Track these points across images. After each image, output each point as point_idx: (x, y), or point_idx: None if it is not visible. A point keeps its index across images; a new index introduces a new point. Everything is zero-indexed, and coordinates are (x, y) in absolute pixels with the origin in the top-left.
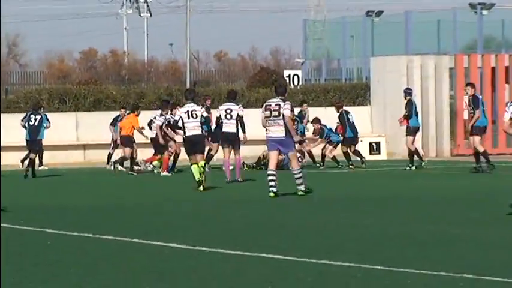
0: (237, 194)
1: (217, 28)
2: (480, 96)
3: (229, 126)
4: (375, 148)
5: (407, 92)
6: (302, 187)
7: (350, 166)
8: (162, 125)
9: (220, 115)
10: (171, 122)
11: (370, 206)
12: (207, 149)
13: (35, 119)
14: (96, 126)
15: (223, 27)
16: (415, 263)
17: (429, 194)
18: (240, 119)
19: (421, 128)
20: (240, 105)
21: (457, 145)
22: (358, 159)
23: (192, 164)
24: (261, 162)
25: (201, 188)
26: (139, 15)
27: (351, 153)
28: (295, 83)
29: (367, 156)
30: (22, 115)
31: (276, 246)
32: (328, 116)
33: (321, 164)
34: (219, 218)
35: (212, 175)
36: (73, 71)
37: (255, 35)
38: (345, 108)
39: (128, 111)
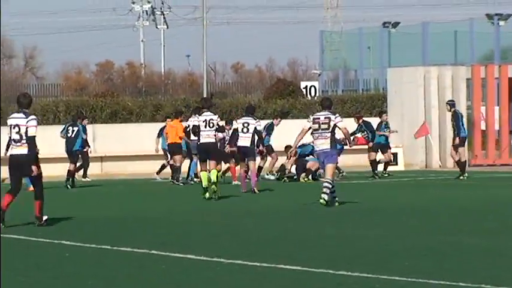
0: (254, 204)
1: (234, 40)
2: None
3: (244, 140)
4: (392, 159)
5: (451, 104)
6: (326, 196)
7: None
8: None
9: (237, 128)
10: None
11: (387, 216)
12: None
13: (72, 131)
14: (113, 138)
15: (240, 38)
16: (433, 273)
17: (446, 205)
18: (257, 133)
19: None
20: (258, 120)
21: (474, 155)
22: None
23: (202, 171)
24: (284, 173)
25: (207, 195)
26: (156, 27)
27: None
28: (312, 94)
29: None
30: (38, 127)
31: (294, 257)
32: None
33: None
34: (236, 229)
35: (229, 186)
36: (90, 83)
37: (272, 47)
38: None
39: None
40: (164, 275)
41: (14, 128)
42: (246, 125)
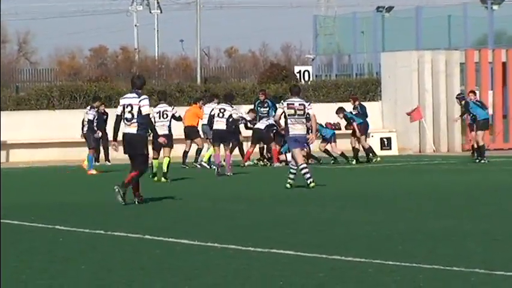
0: (246, 190)
1: (228, 24)
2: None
3: (219, 124)
4: (386, 143)
5: (460, 98)
6: (311, 179)
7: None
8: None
9: (214, 113)
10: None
11: (380, 201)
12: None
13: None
14: (108, 123)
15: (234, 23)
16: (427, 258)
17: (440, 190)
18: (233, 121)
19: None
20: (235, 108)
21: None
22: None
23: (154, 158)
24: (265, 157)
25: (155, 178)
26: (150, 12)
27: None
28: (306, 78)
29: (378, 152)
30: (32, 112)
31: (287, 242)
32: None
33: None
34: (229, 214)
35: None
36: (84, 68)
37: (265, 31)
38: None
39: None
40: (158, 259)
41: (127, 107)
42: (222, 110)
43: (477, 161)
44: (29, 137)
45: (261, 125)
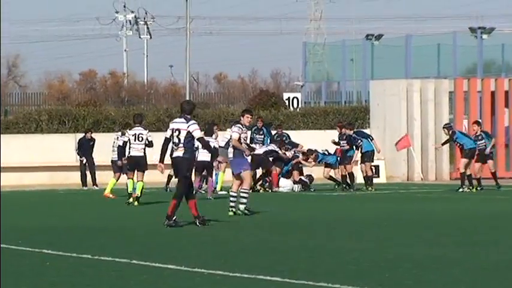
0: (234, 215)
1: (217, 50)
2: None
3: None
4: (374, 171)
5: (447, 127)
6: (242, 206)
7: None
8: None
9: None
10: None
11: (368, 228)
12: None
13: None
14: (95, 147)
15: (223, 49)
16: (414, 286)
17: (428, 218)
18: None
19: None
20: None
21: (456, 169)
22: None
23: (129, 179)
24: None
25: (130, 200)
26: (139, 37)
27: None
28: (295, 105)
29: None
30: (21, 136)
31: (274, 269)
32: (329, 139)
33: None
34: (216, 240)
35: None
36: (73, 92)
37: (255, 58)
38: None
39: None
40: (145, 285)
41: (175, 131)
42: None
43: (461, 189)
44: (17, 161)
45: (260, 150)
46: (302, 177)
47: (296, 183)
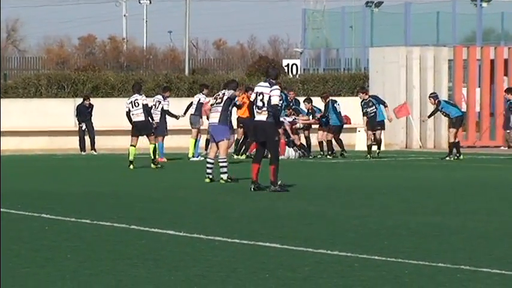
0: (233, 182)
1: (217, 16)
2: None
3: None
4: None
5: (433, 97)
6: (225, 176)
7: (329, 155)
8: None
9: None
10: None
11: (366, 196)
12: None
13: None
14: (94, 112)
15: (223, 15)
16: (413, 253)
17: (427, 185)
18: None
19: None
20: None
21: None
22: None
23: (131, 146)
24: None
25: (131, 166)
26: (139, 2)
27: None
28: (294, 72)
29: (365, 147)
30: (20, 100)
31: (273, 235)
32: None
33: (328, 153)
34: (215, 206)
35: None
36: (72, 57)
37: (254, 24)
38: (332, 98)
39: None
40: (144, 250)
41: (259, 95)
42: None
43: (447, 158)
44: (16, 125)
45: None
46: (302, 143)
47: (294, 148)
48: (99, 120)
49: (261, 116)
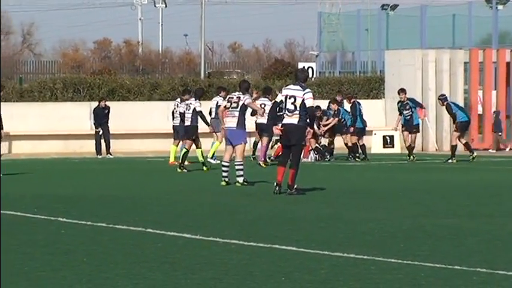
0: (249, 185)
1: (232, 19)
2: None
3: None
4: (388, 141)
5: (442, 99)
6: (241, 179)
7: (356, 158)
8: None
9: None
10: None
11: (383, 199)
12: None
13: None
14: (110, 116)
15: (238, 18)
16: (429, 256)
17: (442, 188)
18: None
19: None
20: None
21: (470, 139)
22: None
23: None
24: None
25: (204, 168)
26: (155, 5)
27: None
28: (310, 75)
29: (381, 150)
30: (35, 104)
31: (289, 238)
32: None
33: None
34: (232, 209)
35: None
36: (87, 60)
37: (269, 27)
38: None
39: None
40: (160, 253)
41: (289, 98)
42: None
43: (450, 160)
44: (32, 129)
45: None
46: (318, 145)
47: (312, 152)
48: (115, 124)
49: (292, 119)
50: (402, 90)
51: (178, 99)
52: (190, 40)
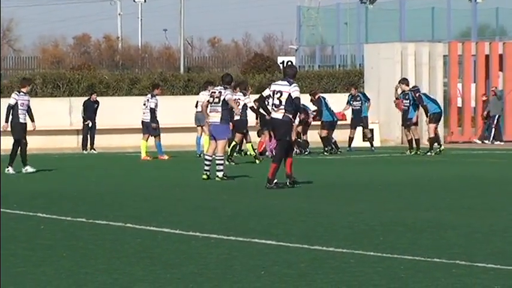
0: (230, 179)
1: (211, 14)
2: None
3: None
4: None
5: (414, 90)
6: (220, 174)
7: (325, 152)
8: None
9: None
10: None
11: (362, 192)
12: None
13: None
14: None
15: (217, 13)
16: (408, 249)
17: (422, 181)
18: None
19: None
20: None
21: (450, 132)
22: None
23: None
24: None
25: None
26: (134, 0)
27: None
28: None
29: (360, 143)
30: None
31: (269, 232)
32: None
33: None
34: (210, 204)
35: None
36: (67, 56)
37: (248, 21)
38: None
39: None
40: (139, 248)
41: (276, 93)
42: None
43: (429, 153)
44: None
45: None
46: (298, 139)
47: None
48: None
49: (278, 114)
50: (404, 80)
51: (206, 92)
52: (170, 35)
